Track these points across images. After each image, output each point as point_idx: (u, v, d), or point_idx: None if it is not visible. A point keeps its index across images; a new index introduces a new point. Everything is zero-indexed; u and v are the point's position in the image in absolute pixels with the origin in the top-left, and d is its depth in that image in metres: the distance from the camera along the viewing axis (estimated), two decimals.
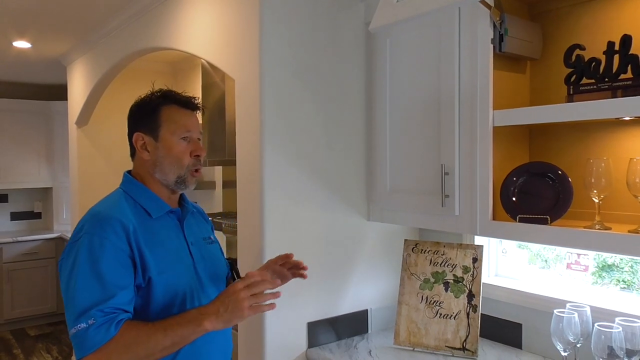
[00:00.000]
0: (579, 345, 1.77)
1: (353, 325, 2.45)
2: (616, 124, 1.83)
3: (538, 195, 1.78)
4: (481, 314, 2.22)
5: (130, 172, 1.65)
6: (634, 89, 1.56)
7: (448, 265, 2.27)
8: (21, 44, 4.27)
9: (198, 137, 1.64)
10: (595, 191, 1.66)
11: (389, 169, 2.27)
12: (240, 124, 2.33)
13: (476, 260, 2.23)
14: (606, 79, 1.64)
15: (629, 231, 1.56)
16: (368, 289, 2.51)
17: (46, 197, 6.55)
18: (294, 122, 2.26)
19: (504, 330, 2.29)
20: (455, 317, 2.21)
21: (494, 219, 1.88)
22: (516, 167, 1.85)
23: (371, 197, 2.43)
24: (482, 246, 2.26)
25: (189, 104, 1.64)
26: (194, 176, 1.61)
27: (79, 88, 4.54)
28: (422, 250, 2.34)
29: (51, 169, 6.29)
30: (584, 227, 1.64)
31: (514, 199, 1.83)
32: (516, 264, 2.43)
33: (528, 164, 1.88)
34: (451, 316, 2.21)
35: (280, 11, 2.21)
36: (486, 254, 2.42)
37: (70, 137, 4.86)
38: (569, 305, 1.81)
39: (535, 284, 2.31)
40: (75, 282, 1.39)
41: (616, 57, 1.62)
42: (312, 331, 2.31)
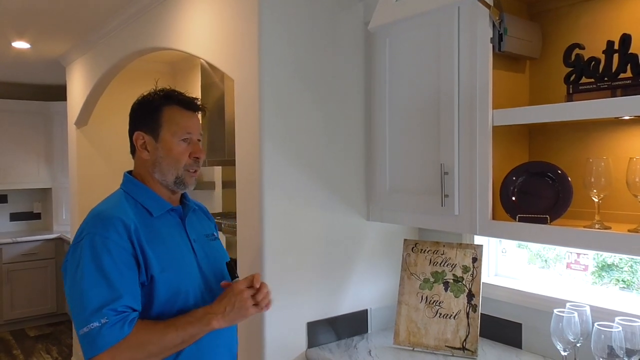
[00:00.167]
0: (579, 345, 1.77)
1: (353, 325, 2.45)
2: (616, 123, 1.83)
3: (538, 195, 1.78)
4: (481, 313, 2.21)
5: (131, 172, 1.66)
6: (633, 88, 1.56)
7: (448, 265, 2.27)
8: (20, 44, 4.27)
9: (198, 139, 1.64)
10: (594, 191, 1.66)
11: (388, 168, 2.27)
12: (239, 124, 2.33)
13: (476, 259, 2.23)
14: (605, 78, 1.63)
15: (628, 230, 1.56)
16: (368, 288, 2.51)
17: (45, 197, 6.55)
18: (293, 122, 2.26)
19: (503, 330, 2.29)
20: (455, 317, 2.20)
21: (493, 218, 1.88)
22: (516, 167, 1.85)
23: (371, 196, 2.42)
24: (481, 246, 2.26)
25: (190, 105, 1.64)
26: (192, 176, 1.62)
27: (78, 88, 4.54)
28: (422, 250, 2.34)
29: (50, 169, 6.29)
30: (584, 227, 1.64)
31: (514, 198, 1.82)
32: (516, 264, 2.43)
33: (527, 164, 1.88)
34: (451, 316, 2.21)
35: (280, 11, 2.21)
36: (486, 253, 2.41)
37: (70, 138, 4.86)
38: (568, 304, 1.81)
39: (535, 284, 2.31)
40: (81, 282, 1.40)
41: (616, 57, 1.62)
42: (312, 331, 2.31)
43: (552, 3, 2.01)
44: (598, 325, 1.63)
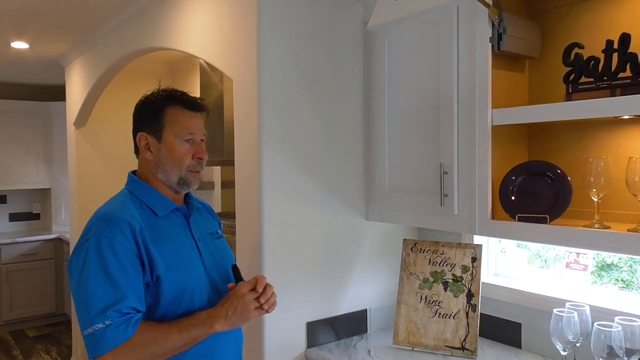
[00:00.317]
0: (579, 345, 1.77)
1: (352, 325, 2.45)
2: (615, 122, 1.83)
3: (537, 195, 1.78)
4: (480, 313, 2.21)
5: (135, 172, 1.67)
6: (632, 87, 1.55)
7: (447, 264, 2.27)
8: (19, 44, 4.26)
9: (202, 139, 1.65)
10: (594, 190, 1.66)
11: (387, 168, 2.26)
12: (238, 124, 2.32)
13: (475, 259, 2.23)
14: (605, 78, 1.63)
15: (628, 230, 1.55)
16: (367, 288, 2.51)
17: (45, 198, 6.54)
18: (292, 122, 2.26)
19: (503, 330, 2.29)
20: (454, 317, 2.20)
21: (493, 218, 1.88)
22: (515, 166, 1.85)
23: (370, 196, 2.42)
24: (481, 245, 2.26)
25: (193, 105, 1.64)
26: (195, 176, 1.63)
27: (77, 89, 4.54)
28: (421, 249, 2.34)
29: (50, 169, 6.29)
30: (583, 226, 1.64)
31: (513, 198, 1.82)
32: (515, 264, 2.42)
33: (527, 163, 1.88)
34: (450, 316, 2.21)
35: (279, 11, 2.21)
36: (485, 253, 2.41)
37: (69, 138, 4.85)
38: (568, 304, 1.80)
39: (535, 284, 2.30)
40: (86, 283, 1.41)
41: (615, 56, 1.62)
42: (311, 331, 2.30)
43: (551, 2, 2.01)
44: (598, 325, 1.63)
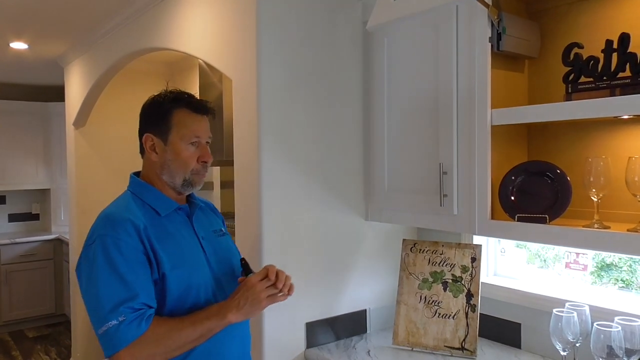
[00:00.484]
0: (578, 345, 1.77)
1: (351, 325, 2.44)
2: (615, 122, 1.82)
3: (537, 195, 1.78)
4: (480, 313, 2.21)
5: (137, 174, 1.69)
6: (632, 87, 1.55)
7: (447, 264, 2.27)
8: (18, 45, 4.26)
9: (207, 142, 1.66)
10: (594, 190, 1.66)
11: (387, 168, 2.26)
12: (237, 124, 2.32)
13: (475, 259, 2.23)
14: (604, 78, 1.63)
15: (627, 230, 1.55)
16: (366, 288, 2.51)
17: (44, 198, 6.54)
18: (292, 122, 2.25)
19: (502, 330, 2.28)
20: (454, 317, 2.20)
21: (492, 218, 1.88)
22: (515, 166, 1.85)
23: (369, 196, 2.42)
24: (480, 245, 2.25)
25: (200, 108, 1.65)
26: (200, 178, 1.64)
27: (76, 89, 4.53)
28: (421, 249, 2.33)
29: (49, 170, 6.28)
30: (583, 226, 1.64)
31: (513, 198, 1.82)
32: (515, 264, 2.42)
33: (526, 163, 1.87)
34: (450, 316, 2.21)
35: (278, 11, 2.21)
36: (485, 253, 2.41)
37: (68, 139, 4.85)
38: (568, 304, 1.80)
39: (534, 284, 2.30)
40: (96, 284, 1.43)
41: (614, 56, 1.61)
42: (311, 331, 2.30)
43: (551, 2, 2.01)
44: (597, 325, 1.63)
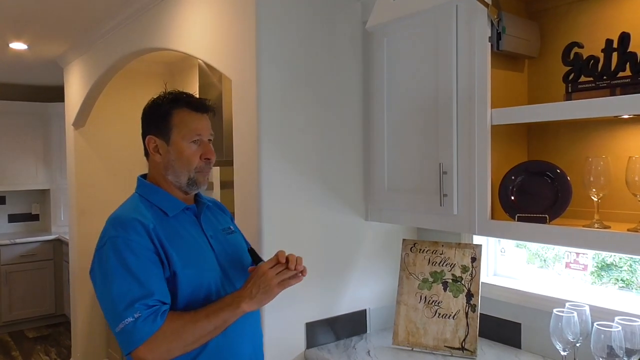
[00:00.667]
0: (579, 345, 1.77)
1: (351, 326, 2.44)
2: (615, 122, 1.82)
3: (537, 194, 1.77)
4: (480, 313, 2.21)
5: (144, 176, 1.71)
6: (632, 86, 1.55)
7: (447, 264, 2.27)
8: (18, 45, 4.25)
9: (209, 139, 1.68)
10: (594, 190, 1.66)
11: (386, 168, 2.26)
12: (237, 124, 2.32)
13: (475, 259, 2.23)
14: (604, 77, 1.63)
15: (628, 230, 1.55)
16: (366, 288, 2.51)
17: (44, 198, 6.53)
18: (291, 122, 2.25)
19: (503, 330, 2.28)
20: (454, 317, 2.20)
21: (492, 218, 1.87)
22: (514, 166, 1.84)
23: (369, 196, 2.42)
24: (480, 245, 2.25)
25: (200, 106, 1.67)
26: (204, 176, 1.66)
27: (76, 89, 4.53)
28: (421, 249, 2.33)
29: (49, 170, 6.28)
30: (583, 226, 1.64)
31: (513, 198, 1.82)
32: (515, 264, 2.42)
33: (526, 163, 1.87)
34: (450, 316, 2.21)
35: (277, 11, 2.21)
36: (485, 253, 2.41)
37: (68, 139, 4.84)
38: (568, 304, 1.80)
39: (534, 284, 2.30)
40: (110, 284, 1.46)
41: (614, 55, 1.61)
42: (311, 331, 2.30)
43: (550, 2, 2.01)
44: (597, 325, 1.62)
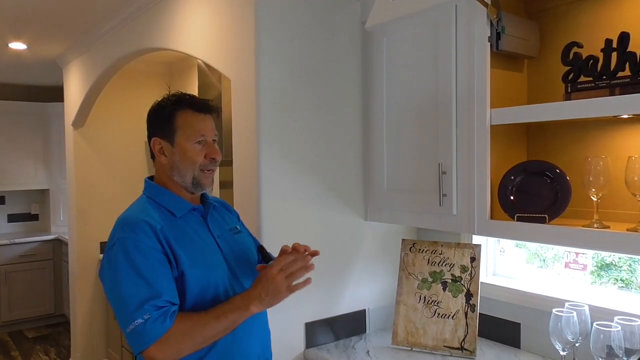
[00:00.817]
0: (578, 345, 1.77)
1: (351, 326, 2.44)
2: (614, 122, 1.82)
3: (536, 194, 1.77)
4: (479, 313, 2.21)
5: (151, 178, 1.73)
6: (632, 86, 1.55)
7: (446, 264, 2.27)
8: (17, 45, 4.25)
9: (213, 140, 1.69)
10: (593, 190, 1.65)
11: (386, 168, 2.26)
12: (236, 124, 2.32)
13: (474, 259, 2.23)
14: (604, 77, 1.63)
15: (627, 230, 1.55)
16: (366, 288, 2.50)
17: (43, 198, 6.53)
18: (291, 122, 2.25)
19: (502, 330, 2.28)
20: (453, 317, 2.20)
21: (491, 218, 1.87)
22: (514, 166, 1.84)
23: (368, 196, 2.42)
24: (480, 245, 2.25)
25: (203, 107, 1.69)
26: (207, 176, 1.67)
27: (75, 89, 4.53)
28: (420, 249, 2.33)
29: (48, 170, 6.27)
30: (583, 226, 1.64)
31: (512, 197, 1.82)
32: (514, 263, 2.42)
33: (526, 163, 1.87)
34: (449, 316, 2.20)
35: (276, 11, 2.20)
36: (484, 253, 2.41)
37: (67, 139, 4.84)
38: (567, 304, 1.80)
39: (534, 283, 2.30)
40: (120, 285, 1.47)
41: (614, 55, 1.61)
42: (310, 331, 2.30)
43: (550, 2, 2.01)
44: (597, 324, 1.62)
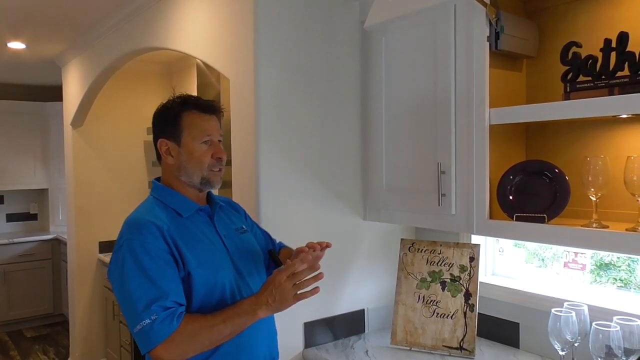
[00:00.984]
0: (577, 345, 1.77)
1: (350, 325, 2.44)
2: (613, 121, 1.82)
3: (535, 194, 1.77)
4: (478, 313, 2.21)
5: (158, 179, 1.74)
6: (631, 86, 1.55)
7: (445, 264, 2.26)
8: (16, 44, 4.25)
9: (219, 139, 1.71)
10: (592, 189, 1.65)
11: (385, 167, 2.26)
12: (235, 123, 2.32)
13: (473, 259, 2.23)
14: (603, 77, 1.63)
15: (626, 229, 1.55)
16: (364, 288, 2.50)
17: (42, 198, 6.52)
18: (289, 122, 2.25)
19: (501, 330, 2.28)
20: (452, 317, 2.20)
21: (490, 217, 1.87)
22: (513, 166, 1.84)
23: (367, 196, 2.41)
24: (478, 245, 2.25)
25: (208, 108, 1.71)
26: (217, 175, 1.70)
27: (74, 89, 4.52)
28: (419, 249, 2.33)
29: (47, 170, 6.27)
30: (581, 226, 1.64)
31: (511, 197, 1.82)
32: (513, 263, 2.42)
33: (525, 163, 1.87)
34: (448, 315, 2.20)
35: (275, 10, 2.20)
36: (483, 253, 2.41)
37: (66, 138, 4.84)
38: (566, 304, 1.80)
39: (533, 283, 2.30)
40: (128, 286, 1.49)
41: (613, 55, 1.61)
42: (309, 331, 2.30)
43: (549, 1, 2.01)
44: (596, 324, 1.62)
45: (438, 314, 2.22)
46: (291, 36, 2.25)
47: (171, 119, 1.67)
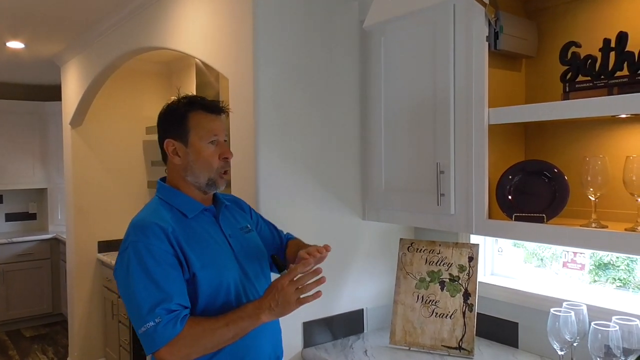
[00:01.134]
0: (576, 344, 1.77)
1: (349, 325, 2.44)
2: (612, 121, 1.82)
3: (534, 194, 1.77)
4: (477, 313, 2.21)
5: (164, 180, 1.75)
6: (630, 86, 1.55)
7: (444, 264, 2.26)
8: (14, 44, 4.24)
9: (225, 139, 1.72)
10: (591, 189, 1.65)
11: (384, 167, 2.26)
12: (234, 123, 2.32)
13: (472, 259, 2.23)
14: (602, 77, 1.63)
15: (625, 229, 1.55)
16: (363, 288, 2.50)
17: (41, 198, 6.52)
18: (289, 121, 2.25)
19: (500, 329, 2.28)
20: (451, 317, 2.20)
21: (489, 217, 1.87)
22: (512, 166, 1.84)
23: (366, 196, 2.41)
24: (477, 245, 2.25)
25: (214, 108, 1.72)
26: (222, 178, 1.71)
27: (73, 88, 4.52)
28: (418, 249, 2.33)
29: (46, 169, 6.27)
30: (581, 226, 1.64)
31: (510, 197, 1.82)
32: (512, 263, 2.42)
33: (524, 162, 1.87)
34: (447, 315, 2.20)
35: (274, 10, 2.20)
36: (482, 252, 2.41)
37: (65, 138, 4.83)
38: (565, 304, 1.80)
39: (532, 283, 2.30)
40: (133, 288, 1.51)
41: (612, 55, 1.61)
42: (308, 331, 2.30)
43: (548, 1, 2.01)
44: (595, 324, 1.62)
45: (437, 313, 2.22)
46: (290, 36, 2.25)
47: (178, 120, 1.67)
